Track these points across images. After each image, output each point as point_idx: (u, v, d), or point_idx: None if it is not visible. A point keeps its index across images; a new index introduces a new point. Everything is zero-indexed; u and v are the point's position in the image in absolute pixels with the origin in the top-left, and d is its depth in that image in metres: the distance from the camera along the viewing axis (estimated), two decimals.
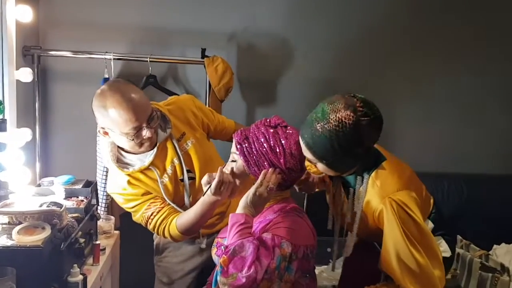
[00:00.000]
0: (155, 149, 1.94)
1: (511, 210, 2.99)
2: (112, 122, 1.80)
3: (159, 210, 1.92)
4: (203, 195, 1.76)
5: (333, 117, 1.52)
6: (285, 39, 2.97)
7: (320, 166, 1.66)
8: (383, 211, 1.65)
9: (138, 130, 1.81)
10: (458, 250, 2.64)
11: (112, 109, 1.77)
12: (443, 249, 1.83)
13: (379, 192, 1.68)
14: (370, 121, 1.54)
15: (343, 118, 1.52)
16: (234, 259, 1.48)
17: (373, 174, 1.71)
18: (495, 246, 2.81)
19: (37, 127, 2.69)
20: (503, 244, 2.80)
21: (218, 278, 1.48)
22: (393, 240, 1.63)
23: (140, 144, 1.87)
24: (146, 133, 1.82)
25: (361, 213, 1.73)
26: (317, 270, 2.58)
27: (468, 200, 3.00)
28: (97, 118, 1.86)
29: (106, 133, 1.87)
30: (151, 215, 1.92)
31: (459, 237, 2.77)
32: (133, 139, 1.82)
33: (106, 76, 2.63)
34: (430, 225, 1.84)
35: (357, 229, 1.74)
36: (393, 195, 1.65)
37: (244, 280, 1.44)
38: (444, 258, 1.78)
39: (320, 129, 1.54)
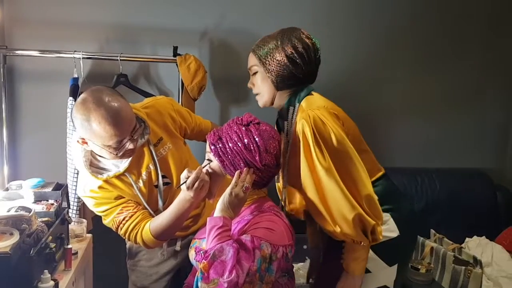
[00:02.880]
0: None
1: (481, 203, 3.06)
2: (94, 136, 1.72)
3: (132, 215, 1.88)
4: (179, 187, 1.73)
5: (287, 38, 1.81)
6: (257, 36, 2.92)
7: (260, 74, 1.81)
8: (302, 127, 1.67)
9: (121, 142, 1.75)
10: (431, 244, 2.68)
11: (96, 124, 1.68)
12: (390, 227, 1.79)
13: (302, 110, 1.72)
14: (313, 42, 1.80)
15: (294, 37, 1.80)
16: (215, 264, 1.46)
17: (303, 102, 1.76)
18: (467, 239, 2.86)
19: (4, 129, 2.62)
20: (474, 237, 2.85)
21: (199, 284, 1.46)
22: (307, 157, 1.66)
23: (122, 156, 1.81)
24: (129, 145, 1.76)
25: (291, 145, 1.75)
26: (294, 267, 2.58)
27: (440, 194, 3.04)
28: (76, 128, 1.75)
29: (85, 143, 1.79)
30: (123, 220, 1.88)
31: (432, 231, 2.82)
32: (116, 153, 1.77)
33: (75, 75, 2.57)
34: None
35: (287, 157, 1.75)
36: (312, 109, 1.69)
37: (225, 285, 1.42)
38: (394, 239, 1.77)
39: (274, 43, 1.82)
